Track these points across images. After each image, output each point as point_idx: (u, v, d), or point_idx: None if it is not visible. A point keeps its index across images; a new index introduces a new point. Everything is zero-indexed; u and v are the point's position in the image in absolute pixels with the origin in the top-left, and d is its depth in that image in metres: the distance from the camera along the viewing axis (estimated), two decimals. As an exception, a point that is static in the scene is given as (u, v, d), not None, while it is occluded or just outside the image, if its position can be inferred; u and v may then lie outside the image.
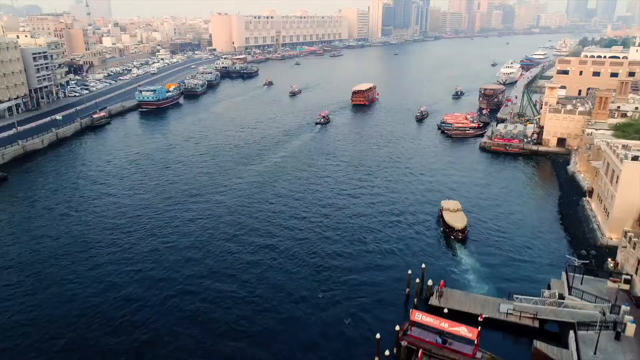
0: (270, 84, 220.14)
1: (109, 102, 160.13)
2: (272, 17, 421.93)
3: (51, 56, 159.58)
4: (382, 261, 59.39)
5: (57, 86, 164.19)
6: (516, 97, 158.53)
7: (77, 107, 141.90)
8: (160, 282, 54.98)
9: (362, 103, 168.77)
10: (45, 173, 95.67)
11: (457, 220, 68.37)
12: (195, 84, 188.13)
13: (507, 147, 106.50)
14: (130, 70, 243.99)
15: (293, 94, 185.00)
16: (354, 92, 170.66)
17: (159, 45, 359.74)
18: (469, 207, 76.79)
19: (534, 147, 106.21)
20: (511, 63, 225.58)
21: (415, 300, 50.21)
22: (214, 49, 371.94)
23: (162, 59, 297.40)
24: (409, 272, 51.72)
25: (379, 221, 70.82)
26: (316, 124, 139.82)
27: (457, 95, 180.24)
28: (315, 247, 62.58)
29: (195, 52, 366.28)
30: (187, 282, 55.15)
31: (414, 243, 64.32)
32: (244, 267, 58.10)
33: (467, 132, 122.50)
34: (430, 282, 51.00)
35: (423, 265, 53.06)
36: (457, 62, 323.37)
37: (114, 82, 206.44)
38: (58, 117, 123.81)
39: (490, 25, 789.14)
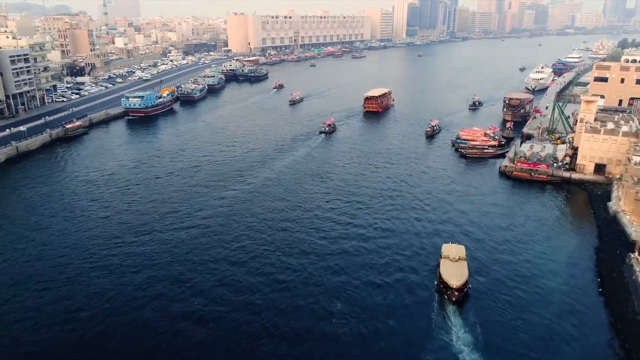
0: (280, 87, 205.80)
1: (101, 108, 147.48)
2: (290, 17, 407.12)
3: (35, 59, 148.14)
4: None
5: (42, 91, 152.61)
6: (546, 108, 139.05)
7: (47, 117, 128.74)
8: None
9: (375, 110, 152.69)
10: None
11: (454, 274, 52.36)
12: (193, 89, 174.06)
13: (533, 173, 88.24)
14: (134, 72, 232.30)
15: (293, 103, 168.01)
16: (366, 98, 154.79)
17: (171, 46, 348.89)
18: (478, 254, 60.48)
19: (566, 174, 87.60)
20: (542, 67, 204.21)
21: None
22: (229, 50, 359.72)
23: (171, 61, 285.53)
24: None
25: (359, 287, 53.64)
26: (320, 132, 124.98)
27: (475, 106, 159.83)
28: (261, 343, 46.19)
29: (210, 52, 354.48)
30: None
31: (394, 330, 47.27)
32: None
33: (486, 151, 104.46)
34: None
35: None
36: (484, 65, 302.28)
37: (111, 85, 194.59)
38: (22, 128, 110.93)
39: (522, 26, 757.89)
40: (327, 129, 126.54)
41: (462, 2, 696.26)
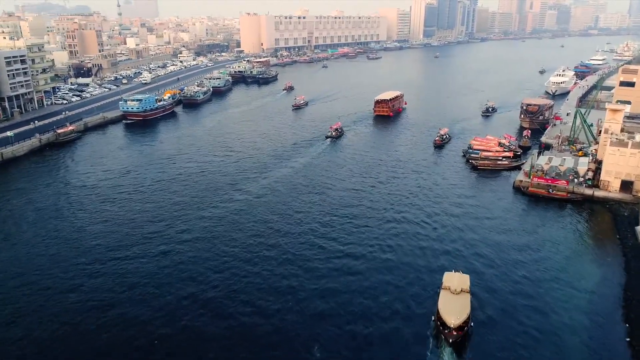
0: (290, 88, 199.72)
1: (101, 111, 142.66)
2: (304, 18, 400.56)
3: (32, 60, 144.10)
4: None
5: (41, 93, 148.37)
6: (567, 115, 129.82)
7: (37, 122, 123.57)
8: None
9: (386, 114, 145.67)
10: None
11: (453, 310, 45.30)
12: (196, 92, 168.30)
13: (551, 190, 79.84)
14: (141, 73, 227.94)
15: (297, 107, 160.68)
16: (377, 102, 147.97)
17: (183, 46, 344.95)
18: (484, 286, 53.37)
19: (588, 191, 79.03)
20: (563, 70, 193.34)
21: None
22: (241, 51, 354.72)
23: (181, 62, 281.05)
24: None
25: (344, 335, 46.39)
26: (326, 137, 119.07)
27: (488, 112, 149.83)
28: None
29: (222, 53, 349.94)
30: None
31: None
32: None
33: (499, 162, 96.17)
34: None
35: None
36: (502, 67, 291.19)
37: (115, 87, 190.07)
38: (9, 133, 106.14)
39: (544, 26, 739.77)
40: (333, 133, 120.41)
41: (482, 2, 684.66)
